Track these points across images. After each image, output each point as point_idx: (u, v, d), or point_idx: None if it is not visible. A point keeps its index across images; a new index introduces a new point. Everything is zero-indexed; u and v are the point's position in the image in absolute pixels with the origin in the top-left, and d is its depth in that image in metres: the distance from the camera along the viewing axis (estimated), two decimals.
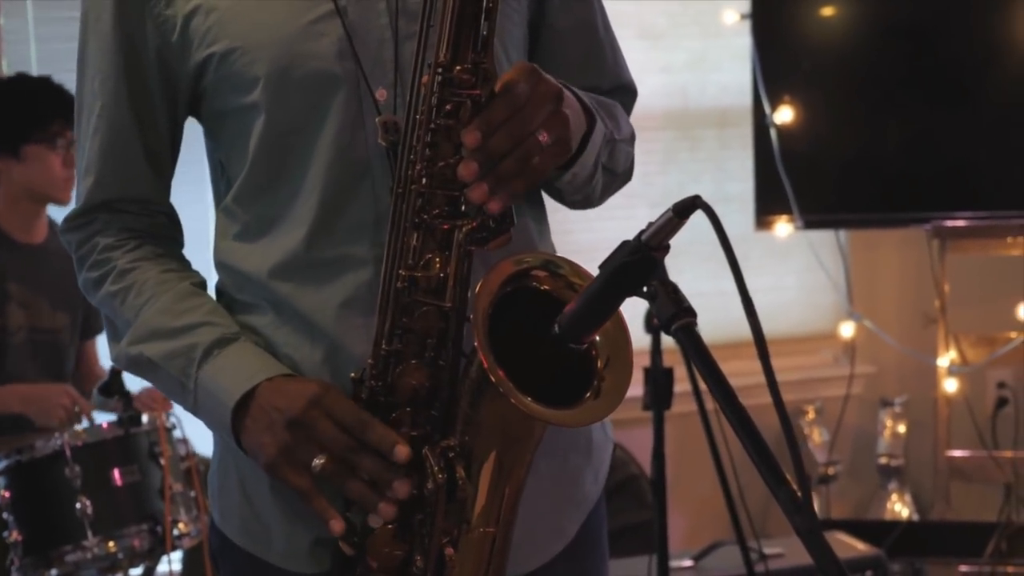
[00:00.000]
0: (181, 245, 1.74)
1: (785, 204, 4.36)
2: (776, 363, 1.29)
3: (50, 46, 4.16)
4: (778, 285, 4.84)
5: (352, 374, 1.54)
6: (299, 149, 1.59)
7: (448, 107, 1.46)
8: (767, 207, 4.42)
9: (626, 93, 1.79)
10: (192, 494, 3.31)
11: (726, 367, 1.32)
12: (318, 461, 1.49)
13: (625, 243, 1.29)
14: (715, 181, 4.83)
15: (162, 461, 3.23)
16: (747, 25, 4.43)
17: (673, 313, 1.22)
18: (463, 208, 1.48)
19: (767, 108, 4.36)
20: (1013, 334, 4.48)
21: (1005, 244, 4.41)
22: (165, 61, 1.62)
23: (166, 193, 1.71)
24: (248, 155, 1.61)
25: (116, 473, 3.23)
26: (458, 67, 1.45)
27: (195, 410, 1.61)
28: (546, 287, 1.50)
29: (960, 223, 4.34)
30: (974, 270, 4.62)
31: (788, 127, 4.37)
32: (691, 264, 4.56)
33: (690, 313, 1.24)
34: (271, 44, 1.56)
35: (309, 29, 1.57)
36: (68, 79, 3.71)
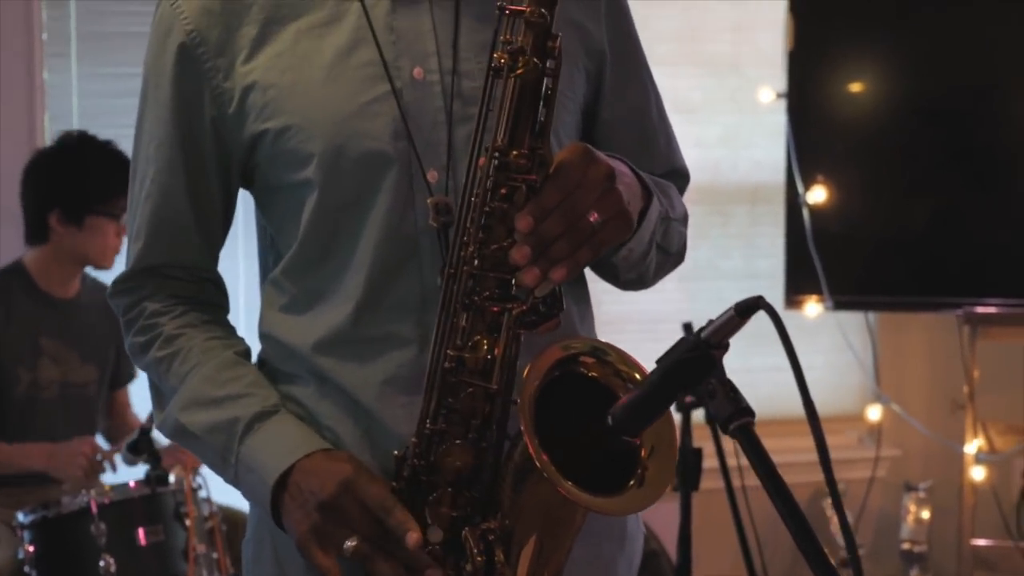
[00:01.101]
0: (227, 312, 1.75)
1: (816, 284, 4.36)
2: (800, 443, 1.29)
3: (92, 101, 4.20)
4: (805, 364, 4.70)
5: (396, 452, 1.54)
6: (350, 226, 1.60)
7: (503, 191, 1.47)
8: (797, 286, 4.42)
9: (679, 177, 1.80)
10: (215, 555, 3.30)
11: None
12: (350, 544, 1.49)
13: (684, 339, 1.30)
14: (745, 257, 4.83)
15: (188, 522, 3.22)
16: (782, 103, 4.45)
17: (732, 413, 1.22)
18: (513, 291, 1.48)
19: (800, 187, 4.37)
20: None
21: None
22: (220, 132, 1.64)
23: (214, 261, 1.73)
24: (299, 230, 1.62)
25: (141, 533, 3.22)
26: (515, 152, 1.46)
27: (236, 484, 1.62)
28: (593, 373, 1.50)
29: (991, 309, 4.32)
30: (1004, 357, 4.60)
31: (820, 206, 4.38)
32: None
33: (749, 413, 1.24)
34: (327, 123, 1.58)
35: (365, 109, 1.58)
36: (109, 134, 3.76)
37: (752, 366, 4.63)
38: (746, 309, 1.25)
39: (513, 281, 1.48)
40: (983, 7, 4.33)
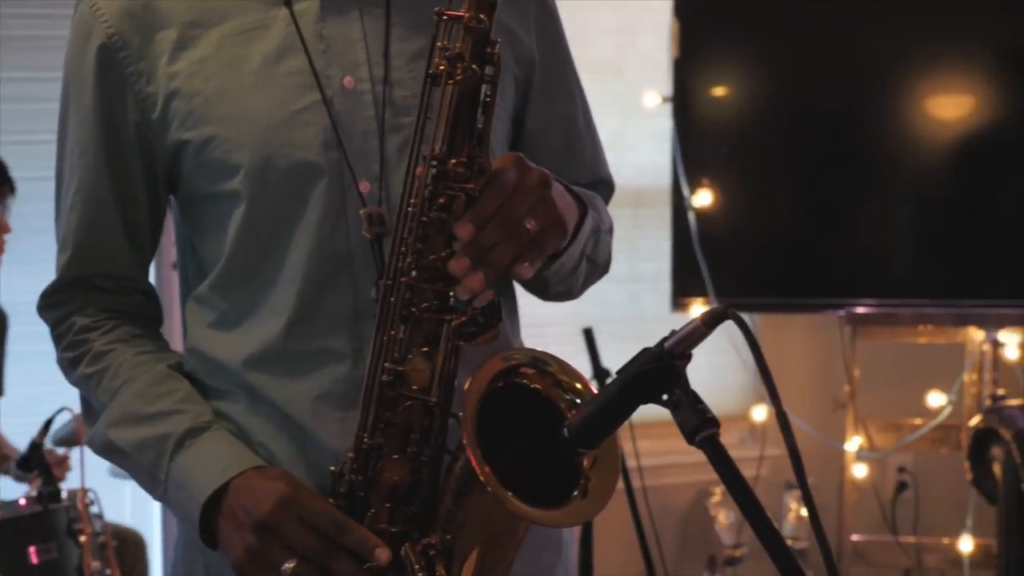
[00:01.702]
0: (159, 323, 1.71)
1: (701, 286, 4.39)
2: (683, 443, 1.29)
3: (9, 106, 4.06)
4: (690, 365, 4.86)
5: (332, 468, 1.51)
6: (279, 239, 1.56)
7: (441, 200, 1.44)
8: (683, 289, 4.45)
9: (604, 187, 1.80)
10: (108, 572, 3.22)
11: (640, 446, 1.35)
12: (288, 565, 1.45)
13: (645, 350, 1.28)
14: (628, 260, 4.86)
15: (82, 539, 3.13)
16: (668, 108, 4.48)
17: (697, 424, 1.22)
18: (452, 303, 1.46)
19: (686, 190, 4.41)
20: (918, 420, 4.55)
21: (915, 332, 4.48)
22: (145, 138, 1.60)
23: (144, 271, 1.68)
24: (226, 243, 1.58)
25: (32, 551, 3.13)
26: (453, 160, 1.44)
27: (165, 501, 1.57)
28: (534, 384, 1.48)
29: (871, 310, 4.40)
30: (884, 356, 4.69)
31: (706, 210, 4.42)
32: (604, 342, 4.57)
33: (714, 424, 1.24)
34: (255, 132, 1.54)
35: (295, 119, 1.55)
36: (27, 139, 3.66)
37: None
38: (713, 319, 1.25)
39: (452, 292, 1.46)
40: (863, 11, 4.40)
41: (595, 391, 1.45)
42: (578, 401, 1.45)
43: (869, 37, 4.39)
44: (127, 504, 4.24)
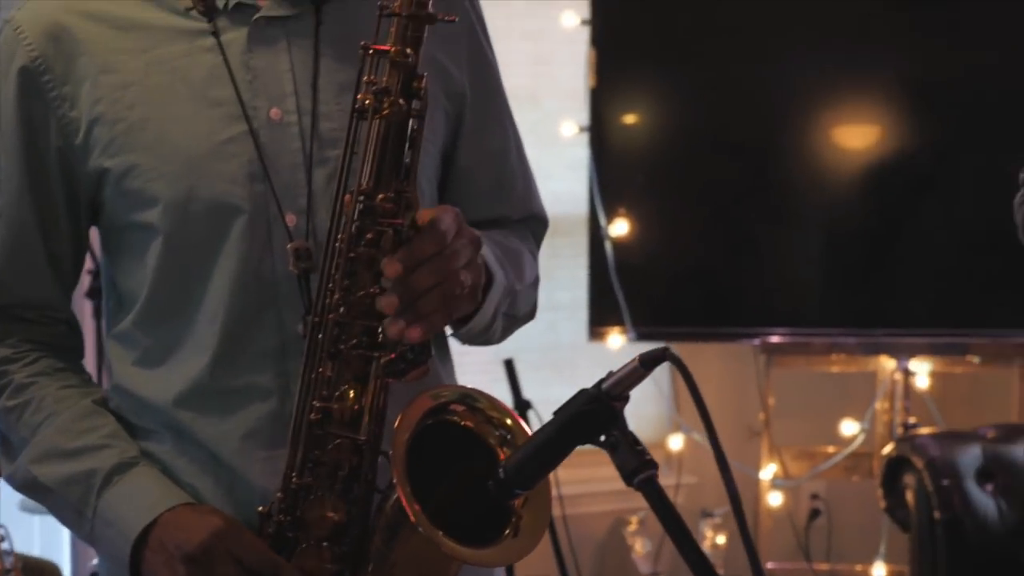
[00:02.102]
0: (81, 356, 1.68)
1: (618, 316, 4.41)
2: (600, 472, 1.30)
3: None
4: None
5: (260, 508, 1.49)
6: (203, 273, 1.54)
7: (369, 235, 1.44)
8: (600, 318, 4.46)
9: (537, 223, 1.79)
10: None
11: (557, 474, 1.36)
12: None
13: (583, 391, 1.28)
14: (545, 289, 4.75)
15: None
16: (584, 137, 4.49)
17: (636, 466, 1.21)
18: (380, 339, 1.45)
19: (603, 220, 4.42)
20: (832, 448, 4.59)
21: (828, 360, 4.52)
22: (68, 163, 1.57)
23: (67, 300, 1.65)
24: (147, 277, 1.56)
25: None
26: (381, 195, 1.43)
27: (91, 539, 1.55)
28: (465, 422, 1.48)
29: (785, 339, 4.44)
30: (797, 385, 4.73)
31: (622, 240, 4.44)
32: (520, 371, 4.56)
33: (652, 465, 1.23)
34: (178, 162, 1.52)
35: (220, 150, 1.53)
36: None
37: (551, 396, 4.66)
38: (651, 360, 1.25)
39: (380, 329, 1.44)
40: (775, 41, 4.45)
41: (525, 427, 1.45)
42: (509, 437, 1.45)
43: (780, 67, 4.44)
44: (36, 538, 4.15)
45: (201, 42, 1.55)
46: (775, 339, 4.43)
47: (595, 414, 1.26)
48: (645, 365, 1.25)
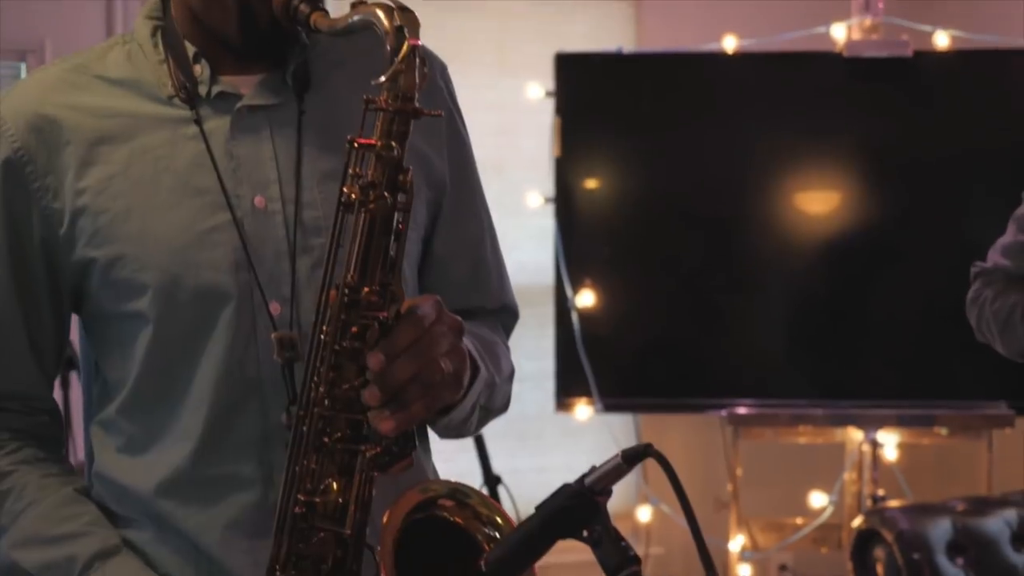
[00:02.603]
0: (62, 445, 1.67)
1: (585, 387, 4.41)
2: (566, 544, 1.29)
3: None
4: (572, 464, 4.86)
5: None
6: (188, 361, 1.53)
7: (354, 329, 1.43)
8: (567, 388, 4.46)
9: (509, 315, 1.79)
10: None
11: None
12: None
13: (565, 486, 1.27)
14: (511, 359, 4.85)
15: None
16: (550, 208, 4.50)
17: (618, 562, 1.21)
18: (365, 432, 1.44)
19: (569, 291, 4.42)
20: (800, 520, 4.59)
21: (795, 432, 4.53)
22: (51, 254, 1.56)
23: (49, 389, 1.64)
24: (133, 365, 1.55)
25: None
26: (366, 288, 1.42)
27: None
28: (454, 517, 1.46)
29: (752, 410, 4.44)
30: (765, 455, 4.73)
31: (589, 310, 4.44)
32: (487, 440, 4.55)
33: (635, 561, 1.23)
34: (163, 252, 1.52)
35: (204, 238, 1.53)
36: None
37: (519, 467, 4.65)
38: (633, 456, 1.24)
39: (365, 422, 1.43)
40: (742, 116, 4.49)
41: (514, 522, 1.44)
42: (497, 535, 1.43)
43: (743, 136, 4.48)
44: None
45: (184, 130, 1.55)
46: (742, 410, 4.43)
47: (578, 509, 1.26)
48: (628, 461, 1.25)
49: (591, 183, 4.55)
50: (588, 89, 4.53)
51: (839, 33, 4.47)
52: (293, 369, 1.50)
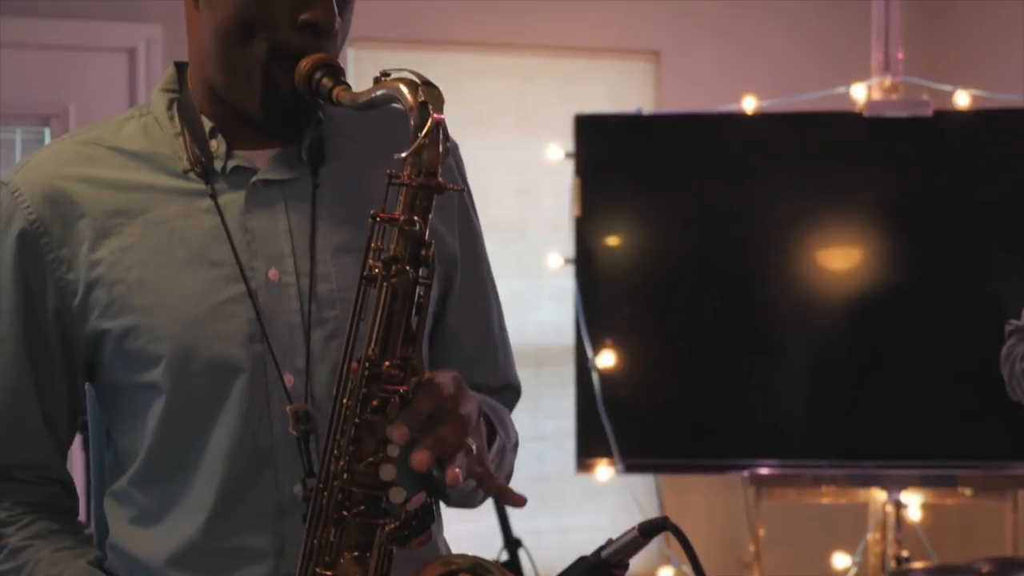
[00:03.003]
0: (76, 515, 1.67)
1: (606, 447, 4.39)
2: None
3: None
4: (593, 525, 4.85)
5: None
6: (201, 432, 1.54)
7: (375, 402, 1.43)
8: (588, 449, 4.44)
9: (512, 393, 1.80)
10: None
11: None
12: None
13: (583, 558, 1.27)
14: (532, 419, 4.85)
15: None
16: (570, 268, 4.51)
17: None
18: (384, 506, 1.44)
19: (589, 351, 4.42)
20: None
21: (818, 492, 4.50)
22: (65, 325, 1.58)
23: (62, 459, 1.65)
24: (146, 435, 1.56)
25: None
26: (387, 362, 1.42)
27: None
28: None
29: (774, 470, 4.42)
30: (787, 516, 4.70)
31: (609, 370, 4.43)
32: None
33: None
34: (177, 323, 1.53)
35: (218, 310, 1.54)
36: None
37: (539, 527, 4.63)
38: (650, 530, 1.24)
39: (384, 495, 1.43)
40: (762, 175, 4.49)
41: None
42: None
43: (762, 194, 4.48)
44: None
45: (199, 203, 1.57)
46: (764, 471, 4.41)
47: None
48: (644, 534, 1.26)
49: (611, 243, 4.55)
50: (607, 149, 4.55)
51: (859, 93, 4.48)
52: (308, 442, 1.50)
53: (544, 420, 4.85)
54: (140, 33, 4.33)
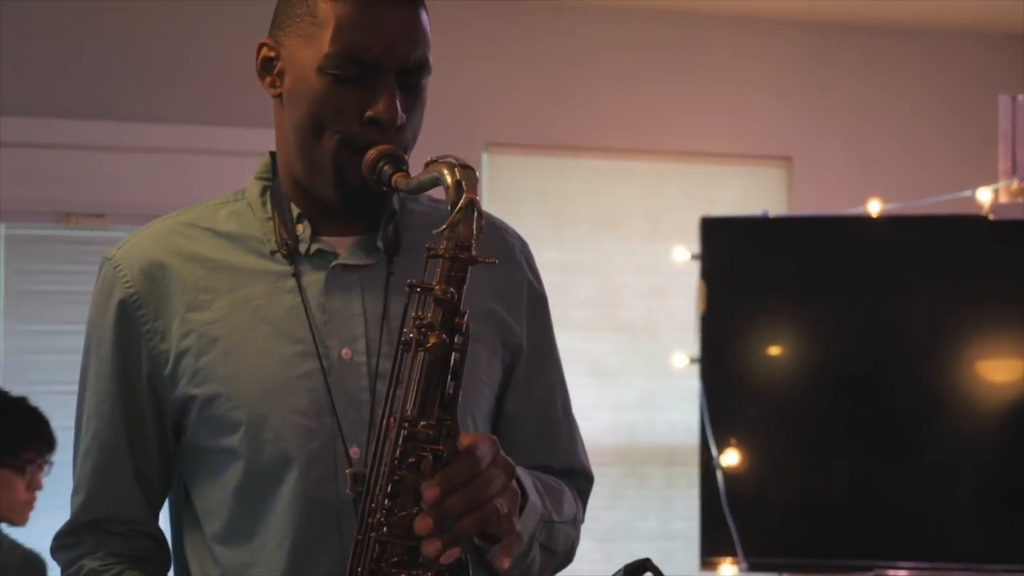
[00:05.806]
0: (167, 568, 1.79)
1: (730, 546, 4.39)
2: None
3: (17, 358, 4.23)
4: None
5: None
6: (272, 498, 1.66)
7: (411, 459, 1.53)
8: (712, 548, 4.45)
9: (580, 477, 1.86)
10: None
11: None
12: None
13: None
14: (661, 519, 4.88)
15: None
16: (696, 368, 4.56)
17: None
18: (420, 559, 1.53)
19: (714, 450, 4.45)
20: None
21: None
22: (156, 390, 1.71)
23: (154, 515, 1.77)
24: (227, 498, 1.68)
25: None
26: (423, 423, 1.53)
27: None
28: None
29: (902, 573, 4.37)
30: None
31: (734, 469, 4.45)
32: None
33: None
34: (255, 393, 1.66)
35: (293, 384, 1.66)
36: (33, 390, 3.79)
37: None
38: (634, 571, 1.30)
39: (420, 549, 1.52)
40: (887, 278, 4.50)
41: None
42: None
43: (885, 298, 4.47)
44: None
45: (283, 284, 1.71)
46: (891, 572, 4.36)
47: None
48: (629, 575, 1.31)
49: (736, 343, 4.59)
50: (733, 252, 4.61)
51: (985, 196, 4.48)
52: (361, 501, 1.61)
53: (673, 520, 4.88)
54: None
